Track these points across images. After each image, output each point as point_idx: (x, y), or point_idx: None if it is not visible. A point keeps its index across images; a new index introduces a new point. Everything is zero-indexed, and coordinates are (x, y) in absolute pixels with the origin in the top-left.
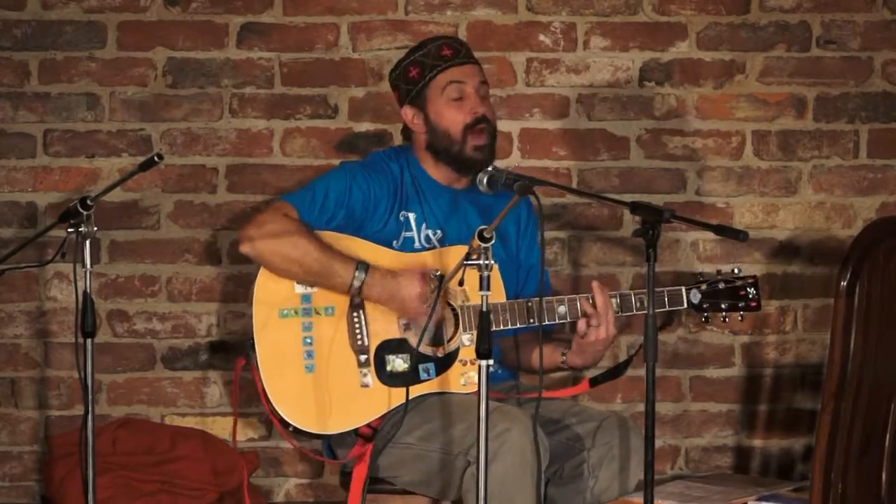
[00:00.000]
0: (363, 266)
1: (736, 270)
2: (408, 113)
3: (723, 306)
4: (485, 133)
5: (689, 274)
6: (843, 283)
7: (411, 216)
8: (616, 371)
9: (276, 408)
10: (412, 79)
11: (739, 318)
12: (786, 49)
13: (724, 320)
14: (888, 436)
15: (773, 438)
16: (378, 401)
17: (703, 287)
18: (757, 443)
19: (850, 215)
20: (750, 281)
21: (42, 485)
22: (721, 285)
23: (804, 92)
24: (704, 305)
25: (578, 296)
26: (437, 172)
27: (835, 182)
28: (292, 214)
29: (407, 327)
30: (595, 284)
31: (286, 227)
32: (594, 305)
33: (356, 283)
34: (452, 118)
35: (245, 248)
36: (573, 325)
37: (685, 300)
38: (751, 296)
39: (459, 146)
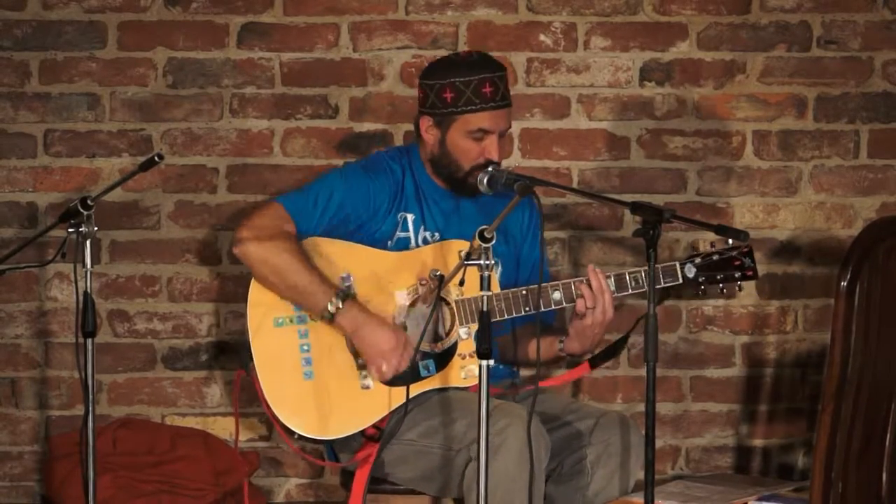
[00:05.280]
0: (342, 295)
1: (730, 241)
2: (425, 122)
3: (718, 277)
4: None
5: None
6: (844, 283)
7: (409, 217)
8: (614, 349)
9: (280, 417)
10: (444, 100)
11: (738, 288)
12: (786, 49)
13: (722, 291)
14: (888, 436)
15: (774, 438)
16: (380, 402)
17: (697, 261)
18: (757, 443)
19: (851, 215)
20: (745, 250)
21: (42, 485)
22: (715, 257)
23: (805, 92)
24: (700, 279)
25: (573, 279)
26: (437, 179)
27: (835, 182)
28: (288, 224)
29: (404, 327)
30: (590, 267)
31: (279, 237)
32: (590, 288)
33: (330, 309)
34: (466, 153)
35: (237, 251)
36: (570, 313)
37: (680, 275)
38: (746, 265)
39: (463, 175)
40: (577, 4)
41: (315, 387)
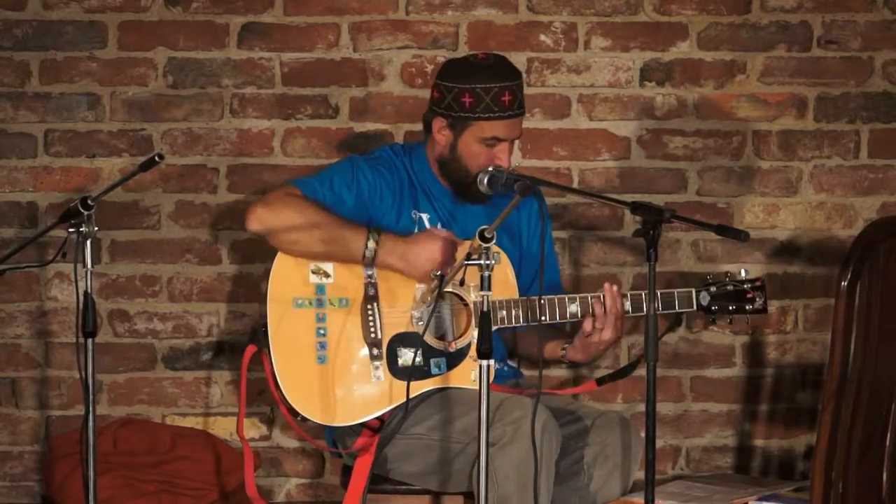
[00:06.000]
0: (375, 231)
1: (743, 272)
2: (438, 123)
3: (730, 308)
4: None
5: (690, 274)
6: (844, 283)
7: (425, 217)
8: (622, 372)
9: (287, 396)
10: (462, 104)
11: (746, 320)
12: (786, 49)
13: (730, 322)
14: (888, 435)
15: (774, 438)
16: (388, 395)
17: (713, 289)
18: (757, 443)
19: (851, 215)
20: (758, 284)
21: (43, 485)
22: (730, 288)
23: (805, 92)
24: (713, 308)
25: (590, 295)
26: (442, 180)
27: (835, 182)
28: (297, 193)
29: (419, 319)
30: (607, 287)
31: (295, 200)
32: (604, 307)
33: (371, 245)
34: (476, 157)
35: (254, 225)
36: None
37: (695, 302)
38: (758, 299)
39: (471, 180)
40: (578, 4)
41: (327, 372)
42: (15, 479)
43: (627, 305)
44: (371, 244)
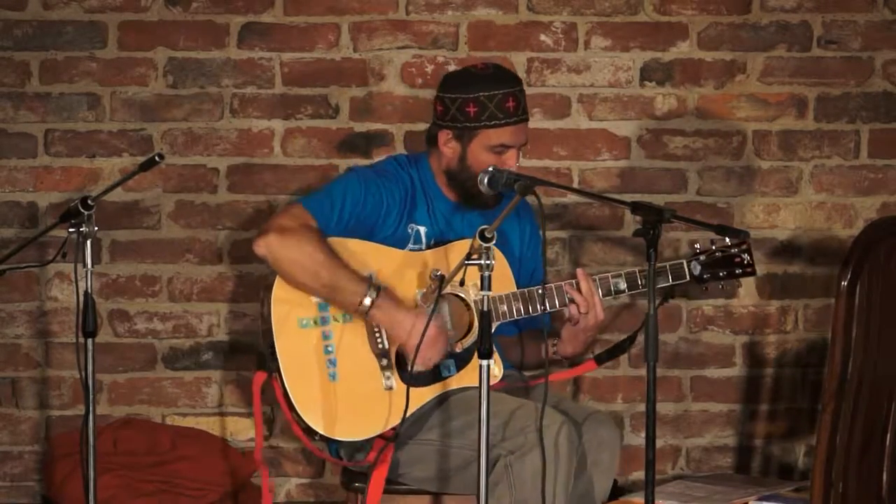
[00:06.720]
0: (375, 288)
1: (727, 239)
2: (444, 135)
3: (721, 274)
4: None
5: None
6: (844, 283)
7: (422, 230)
8: (620, 347)
9: (304, 418)
10: (467, 114)
11: (738, 284)
12: (787, 49)
13: (722, 288)
14: (889, 435)
15: (774, 438)
16: (402, 403)
17: (702, 258)
18: (757, 443)
19: (851, 215)
20: (743, 247)
21: (43, 484)
22: (718, 254)
23: (805, 92)
24: (705, 276)
25: (564, 282)
26: (447, 190)
27: (836, 182)
28: (311, 223)
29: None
30: (580, 271)
31: (305, 236)
32: (579, 292)
33: (366, 303)
34: (486, 167)
35: (262, 251)
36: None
37: (687, 272)
38: (745, 261)
39: (480, 190)
40: (578, 4)
41: (340, 388)
42: (15, 479)
43: (623, 285)
44: (367, 301)
